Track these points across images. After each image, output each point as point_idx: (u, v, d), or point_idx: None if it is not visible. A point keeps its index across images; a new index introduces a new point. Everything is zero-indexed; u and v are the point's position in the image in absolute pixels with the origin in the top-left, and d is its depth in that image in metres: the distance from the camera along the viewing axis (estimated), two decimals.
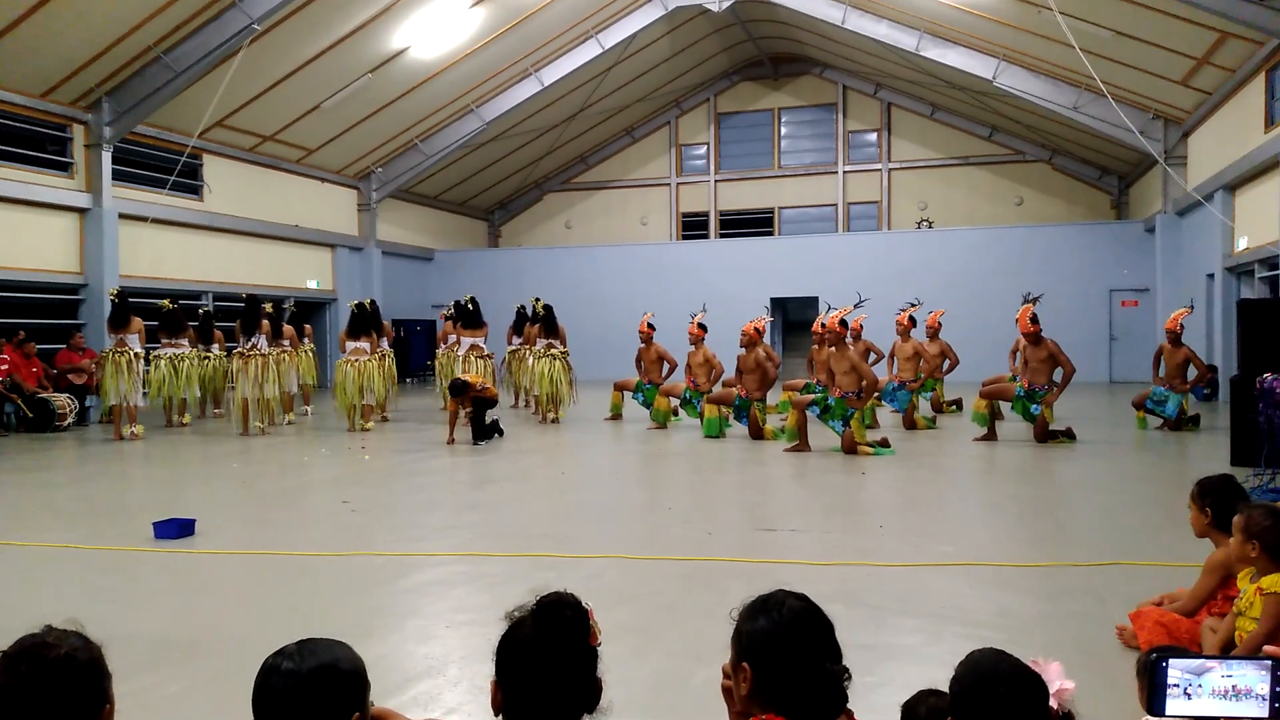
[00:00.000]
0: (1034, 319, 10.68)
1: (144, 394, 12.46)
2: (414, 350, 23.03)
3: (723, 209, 26.49)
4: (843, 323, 10.52)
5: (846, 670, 1.77)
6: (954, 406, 14.17)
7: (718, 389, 12.24)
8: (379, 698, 2.41)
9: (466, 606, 4.62)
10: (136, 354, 12.10)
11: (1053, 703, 1.78)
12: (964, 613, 4.40)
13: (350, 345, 12.89)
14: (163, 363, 13.04)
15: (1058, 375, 10.71)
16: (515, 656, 1.69)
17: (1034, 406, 10.66)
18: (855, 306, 11.63)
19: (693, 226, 26.72)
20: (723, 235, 26.09)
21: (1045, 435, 10.53)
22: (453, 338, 15.03)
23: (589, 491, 8.32)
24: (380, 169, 22.08)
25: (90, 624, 1.77)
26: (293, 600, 4.88)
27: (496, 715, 1.71)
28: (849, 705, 1.88)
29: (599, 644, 1.71)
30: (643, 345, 13.24)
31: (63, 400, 13.00)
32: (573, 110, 23.42)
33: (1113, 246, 20.81)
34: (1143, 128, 17.07)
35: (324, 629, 2.09)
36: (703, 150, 26.70)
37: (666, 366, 13.15)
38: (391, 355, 13.88)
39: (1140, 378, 18.34)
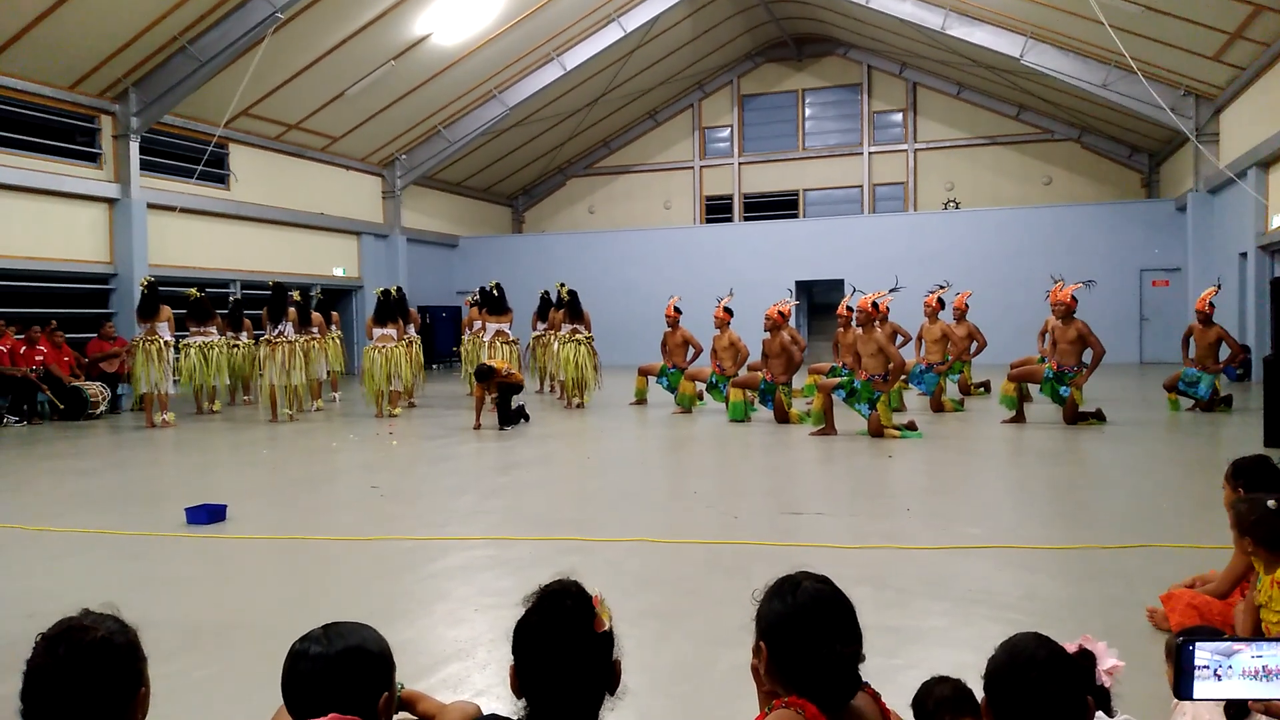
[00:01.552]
0: (1074, 296, 10.58)
1: (175, 382, 12.61)
2: (440, 336, 23.15)
3: (747, 192, 26.37)
4: (874, 304, 10.47)
5: (858, 652, 1.78)
6: (982, 389, 14.07)
7: (743, 373, 12.22)
8: (409, 680, 2.44)
9: (494, 590, 4.66)
10: (166, 342, 12.24)
11: (1105, 680, 1.80)
12: (992, 595, 4.38)
13: (377, 332, 12.98)
14: (192, 351, 13.20)
15: (1087, 356, 10.60)
16: (524, 645, 1.74)
17: (1063, 388, 10.57)
18: (890, 292, 11.54)
19: (716, 210, 26.62)
20: (747, 218, 25.99)
21: (1075, 417, 10.43)
22: (478, 323, 15.09)
23: (614, 476, 8.34)
24: (404, 156, 22.15)
25: (124, 608, 1.80)
26: (322, 584, 4.94)
27: (518, 698, 1.75)
28: (877, 687, 1.90)
29: (605, 630, 1.73)
30: (668, 329, 13.24)
31: (95, 389, 13.18)
32: (595, 94, 23.37)
33: (1143, 226, 20.53)
34: (1173, 104, 16.80)
35: (353, 613, 2.12)
36: (726, 133, 26.57)
37: (691, 351, 13.15)
38: (418, 341, 13.95)
39: (1171, 358, 18.11)
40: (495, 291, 14.53)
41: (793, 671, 1.77)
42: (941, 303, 13.13)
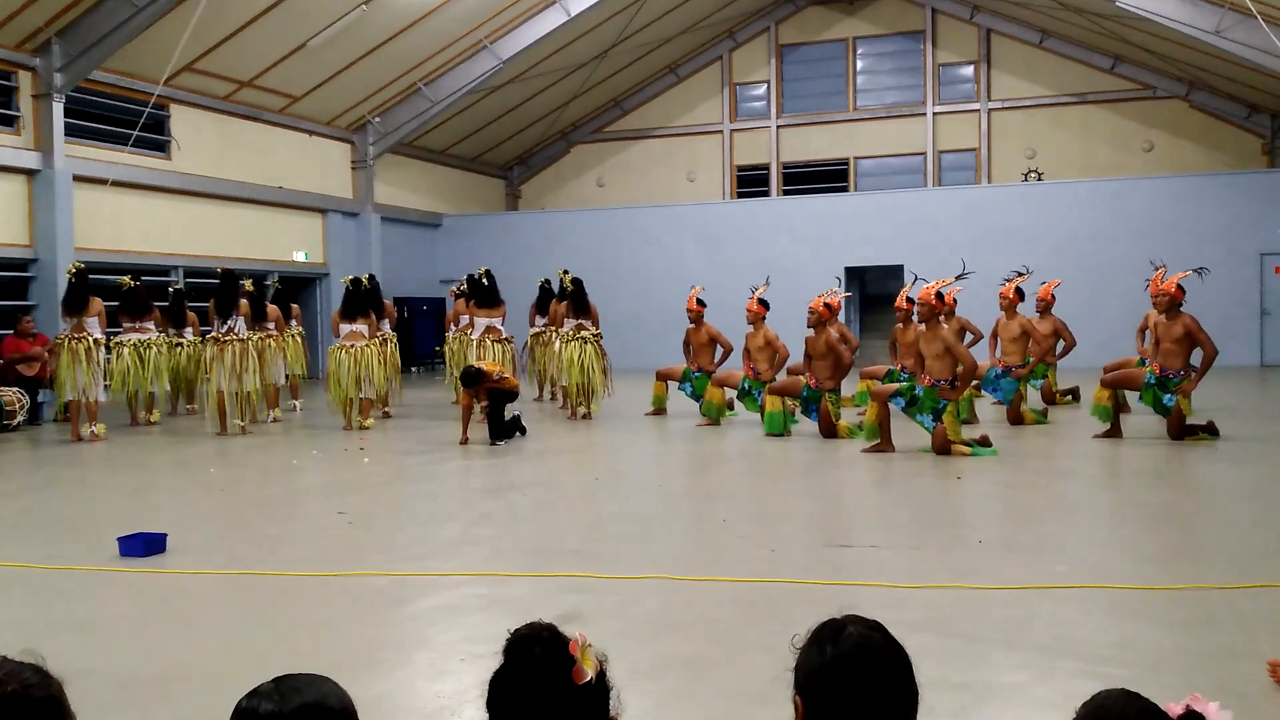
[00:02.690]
0: (1181, 287, 10.52)
1: (105, 387, 12.69)
2: (420, 333, 23.21)
3: (786, 161, 26.35)
4: (938, 295, 10.42)
5: (909, 714, 1.77)
6: (1069, 397, 14.02)
7: (781, 377, 12.20)
8: None
9: (484, 636, 4.66)
10: (96, 340, 12.31)
11: None
12: (1079, 645, 4.37)
13: (345, 328, 13.02)
14: (126, 351, 13.26)
15: (1196, 359, 10.54)
16: (494, 701, 1.78)
17: (1167, 396, 10.51)
18: (957, 279, 11.49)
19: (750, 182, 26.62)
20: (786, 192, 25.98)
21: (1181, 431, 10.38)
22: (465, 318, 15.13)
23: (627, 500, 8.35)
24: (378, 119, 22.22)
25: (47, 656, 1.81)
26: (280, 629, 4.96)
27: None
28: None
29: (588, 681, 1.74)
30: (691, 326, 13.24)
31: (11, 395, 13.26)
32: (605, 45, 23.39)
33: (1264, 200, 20.41)
34: None
35: (314, 663, 2.12)
36: (762, 90, 26.55)
37: (720, 351, 13.14)
38: (394, 340, 13.99)
39: None
40: (485, 280, 14.55)
41: None
42: (1021, 294, 13.07)
